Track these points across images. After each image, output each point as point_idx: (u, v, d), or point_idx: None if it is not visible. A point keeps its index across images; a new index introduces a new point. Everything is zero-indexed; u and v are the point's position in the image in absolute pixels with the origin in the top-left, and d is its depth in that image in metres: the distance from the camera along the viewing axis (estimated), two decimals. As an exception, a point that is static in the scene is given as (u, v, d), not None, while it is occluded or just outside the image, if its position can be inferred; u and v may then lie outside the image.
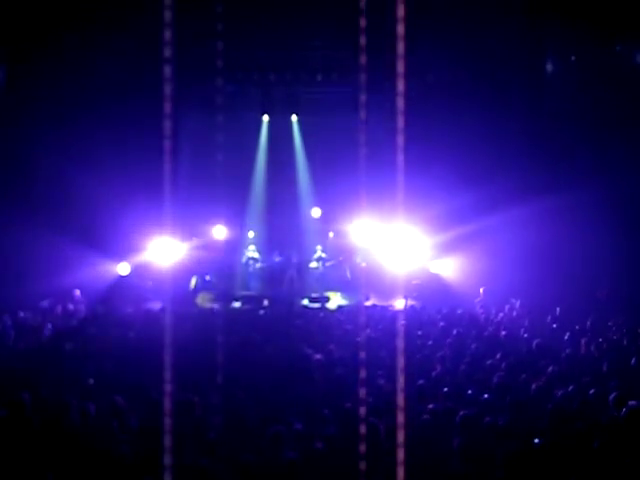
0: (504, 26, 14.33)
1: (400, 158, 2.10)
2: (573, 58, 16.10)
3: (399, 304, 10.39)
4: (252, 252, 18.20)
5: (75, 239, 14.17)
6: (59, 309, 13.00)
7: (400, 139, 2.07)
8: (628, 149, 14.14)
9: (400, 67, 2.07)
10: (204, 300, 16.39)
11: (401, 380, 2.23)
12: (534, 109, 15.51)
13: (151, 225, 14.45)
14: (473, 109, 15.88)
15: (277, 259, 18.07)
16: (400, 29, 2.04)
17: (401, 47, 2.03)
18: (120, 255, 15.86)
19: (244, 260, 18.07)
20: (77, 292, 14.07)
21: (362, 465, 2.17)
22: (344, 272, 18.33)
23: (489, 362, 8.75)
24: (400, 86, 2.07)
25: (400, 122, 2.07)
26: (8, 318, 11.19)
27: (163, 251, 15.60)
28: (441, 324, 11.57)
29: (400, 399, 2.13)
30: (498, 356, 9.08)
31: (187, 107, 16.62)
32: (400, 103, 2.08)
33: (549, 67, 16.12)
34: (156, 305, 14.29)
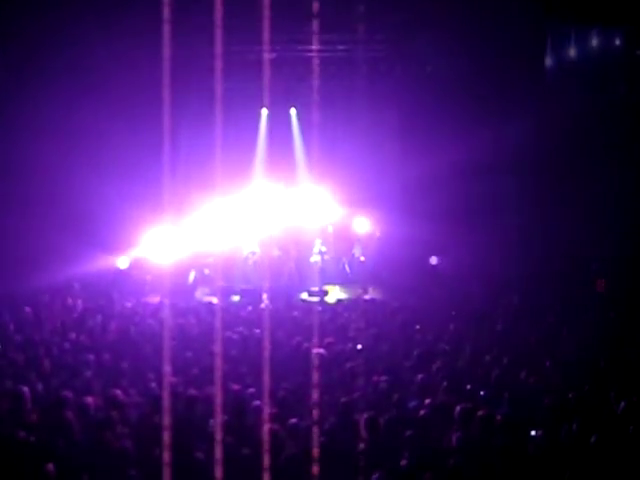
0: (504, 16, 14.29)
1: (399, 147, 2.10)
2: (572, 52, 16.08)
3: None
4: (252, 246, 18.21)
5: (73, 233, 14.16)
6: (58, 303, 13.00)
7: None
8: (628, 143, 14.13)
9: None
10: (203, 294, 16.39)
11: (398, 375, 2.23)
12: (533, 103, 15.50)
13: (150, 219, 14.45)
14: (471, 100, 15.88)
15: (276, 253, 18.06)
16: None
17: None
18: (119, 249, 15.89)
19: (243, 254, 18.08)
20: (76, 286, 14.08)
21: (361, 459, 2.18)
22: (343, 266, 18.35)
23: (488, 358, 8.78)
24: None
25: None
26: (7, 312, 11.19)
27: (162, 245, 15.65)
28: (441, 319, 11.60)
29: (396, 393, 2.13)
30: (496, 351, 9.10)
31: (186, 104, 16.61)
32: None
33: (548, 60, 16.10)
34: (155, 299, 14.31)
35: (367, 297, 14.58)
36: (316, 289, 16.46)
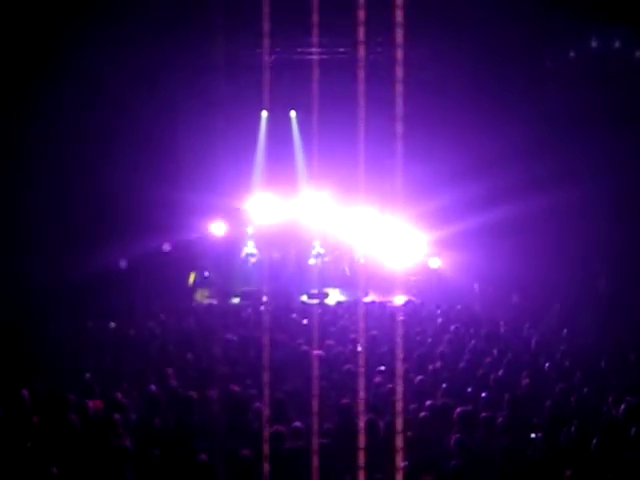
0: (504, 18, 14.30)
1: (400, 150, 2.10)
2: (572, 54, 16.08)
3: (398, 300, 10.42)
4: (251, 248, 18.22)
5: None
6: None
7: (399, 127, 2.06)
8: (628, 145, 14.11)
9: (399, 54, 2.07)
10: (203, 296, 16.40)
11: (400, 376, 2.24)
12: (534, 104, 15.49)
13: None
14: (472, 103, 15.87)
15: (276, 255, 18.07)
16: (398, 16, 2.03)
17: (400, 34, 2.02)
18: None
19: (243, 256, 18.09)
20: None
21: (361, 461, 2.18)
22: (343, 268, 18.34)
23: (488, 359, 8.77)
24: (399, 72, 2.06)
25: (399, 110, 2.06)
26: None
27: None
28: (439, 320, 11.59)
29: (399, 395, 2.14)
30: (496, 352, 9.09)
31: (187, 106, 16.63)
32: (399, 89, 2.07)
33: (548, 62, 16.10)
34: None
35: (367, 299, 14.56)
36: (316, 291, 16.46)
